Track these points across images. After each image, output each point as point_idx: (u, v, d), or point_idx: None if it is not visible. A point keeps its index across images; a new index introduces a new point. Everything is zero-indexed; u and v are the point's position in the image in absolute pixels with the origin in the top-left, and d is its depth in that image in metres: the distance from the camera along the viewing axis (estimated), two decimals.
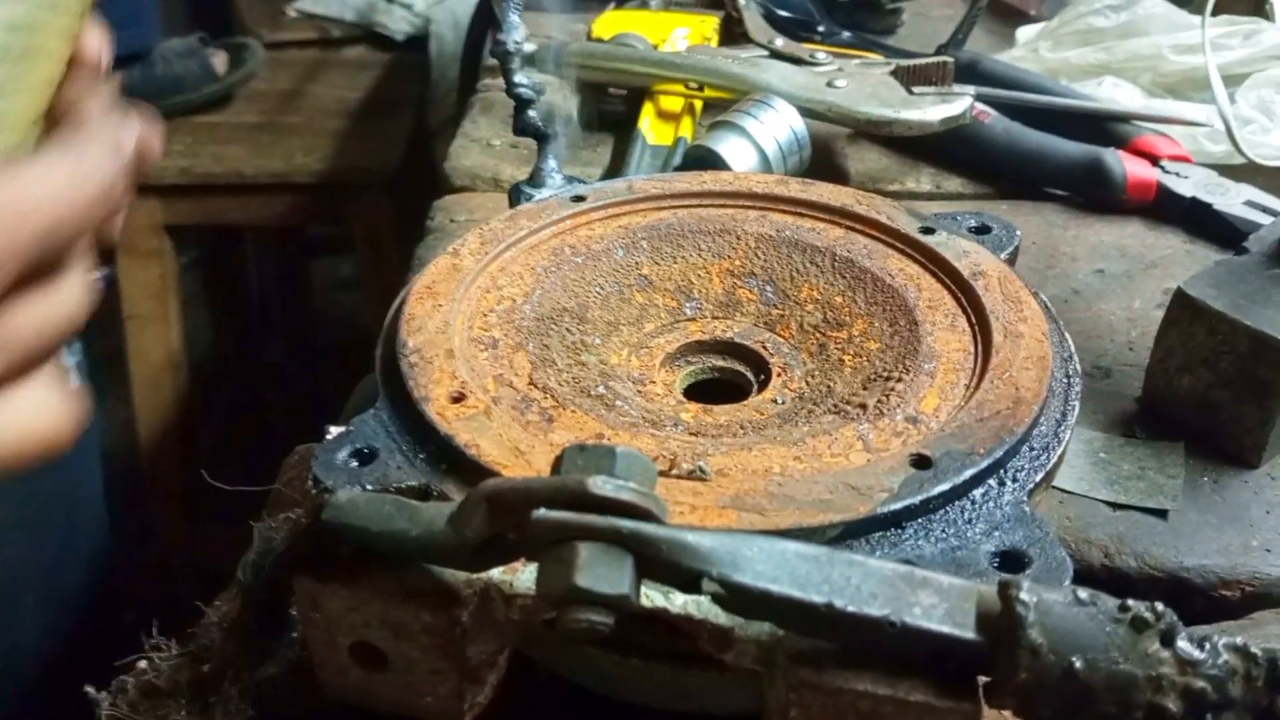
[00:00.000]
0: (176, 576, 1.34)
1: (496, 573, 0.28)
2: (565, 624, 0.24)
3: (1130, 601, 0.24)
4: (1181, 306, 0.44)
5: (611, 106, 0.71)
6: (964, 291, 0.38)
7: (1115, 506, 0.42)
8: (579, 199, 0.44)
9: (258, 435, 1.65)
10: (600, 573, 0.24)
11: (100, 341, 1.30)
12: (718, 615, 0.26)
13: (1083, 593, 0.25)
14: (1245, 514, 0.42)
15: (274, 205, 1.32)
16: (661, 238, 0.43)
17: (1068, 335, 0.37)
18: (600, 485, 0.24)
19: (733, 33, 0.78)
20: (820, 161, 0.65)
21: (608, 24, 0.78)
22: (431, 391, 0.33)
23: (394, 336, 0.36)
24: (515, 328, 0.38)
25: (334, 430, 0.32)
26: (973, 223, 0.43)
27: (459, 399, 0.33)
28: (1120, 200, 0.61)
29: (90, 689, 0.30)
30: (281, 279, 1.82)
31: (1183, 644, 0.24)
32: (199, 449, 1.41)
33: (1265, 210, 0.58)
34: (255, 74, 1.40)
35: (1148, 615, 0.24)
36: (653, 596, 0.26)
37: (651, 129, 0.67)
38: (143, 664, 0.31)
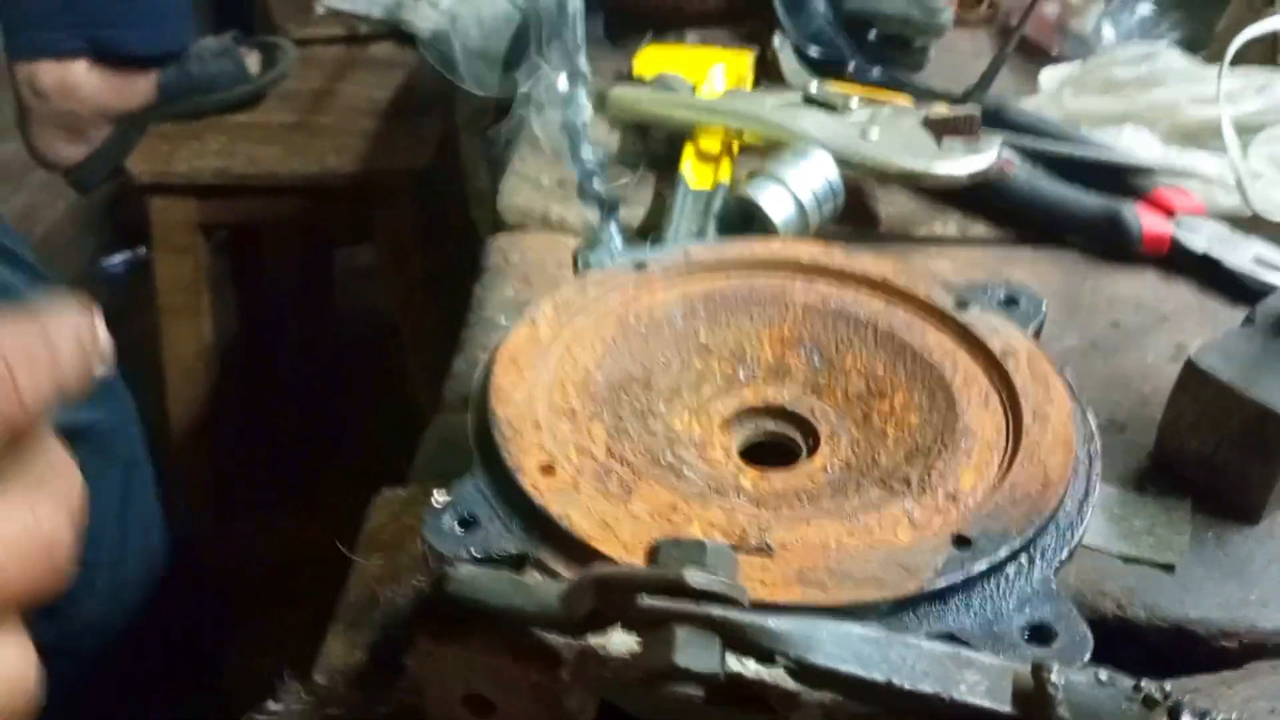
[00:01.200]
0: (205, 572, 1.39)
1: (591, 637, 0.32)
2: (664, 693, 0.28)
3: (1143, 682, 0.29)
4: (1192, 376, 0.48)
5: (653, 146, 0.74)
6: (996, 369, 0.42)
7: (1127, 560, 0.46)
8: (640, 266, 0.48)
9: (277, 425, 1.69)
10: (694, 652, 0.28)
11: (129, 336, 1.35)
12: (786, 681, 0.31)
13: (1103, 674, 0.29)
14: (1246, 568, 0.46)
15: (306, 206, 1.36)
16: (717, 305, 0.47)
17: (1089, 413, 0.41)
18: (695, 578, 0.28)
19: (768, 70, 0.82)
20: (852, 204, 0.69)
21: (648, 61, 0.82)
22: (523, 463, 0.37)
23: (484, 406, 0.40)
24: (590, 397, 0.42)
25: (439, 497, 0.37)
26: (1003, 294, 0.47)
27: (548, 470, 0.37)
28: (1136, 252, 0.65)
29: None
30: (302, 267, 1.85)
31: (1186, 718, 0.28)
32: (223, 442, 1.45)
33: (1273, 267, 0.62)
34: (287, 74, 1.43)
35: (1157, 695, 0.28)
36: (731, 662, 0.31)
37: (693, 172, 0.71)
38: (274, 706, 0.35)
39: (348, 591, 0.42)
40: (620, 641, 0.32)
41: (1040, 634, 0.32)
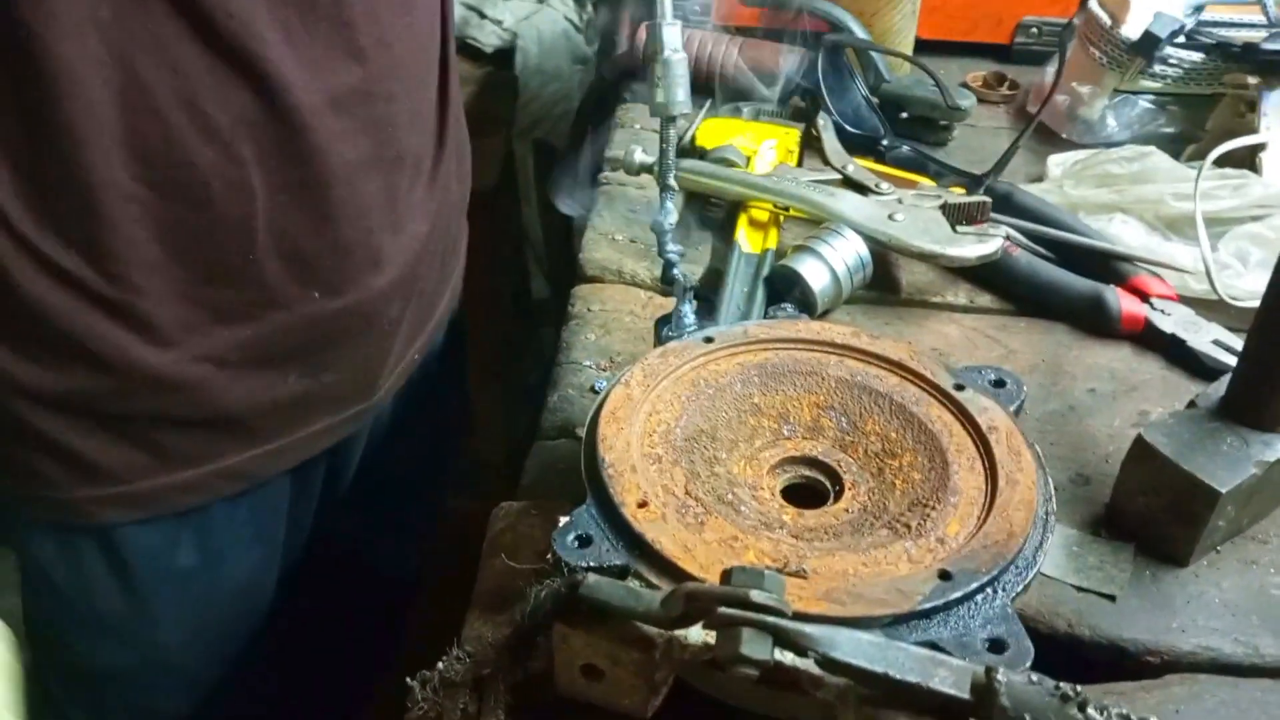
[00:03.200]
0: None
1: (678, 631, 0.45)
2: (728, 674, 0.41)
3: (1061, 684, 0.42)
4: (1140, 448, 0.60)
5: (713, 212, 0.87)
6: (982, 441, 0.55)
7: (1079, 589, 0.59)
8: (709, 340, 0.61)
9: None
10: (753, 646, 0.41)
11: None
12: (815, 669, 0.44)
13: (1034, 676, 0.42)
14: (1172, 602, 0.59)
15: None
16: (768, 374, 0.60)
17: (1050, 479, 0.54)
18: (757, 596, 0.41)
19: (813, 145, 0.94)
20: (879, 273, 0.81)
21: (709, 133, 0.94)
22: (624, 498, 0.51)
23: (593, 451, 0.53)
24: (671, 446, 0.55)
25: (563, 520, 0.50)
26: (993, 376, 0.60)
27: (643, 504, 0.50)
28: (1115, 329, 0.77)
29: (409, 679, 0.48)
30: None
31: (1090, 710, 0.41)
32: None
33: (1228, 349, 0.74)
34: None
35: (1070, 693, 0.41)
36: (778, 654, 0.44)
37: (746, 237, 0.84)
38: (440, 664, 0.48)
39: (481, 583, 0.56)
40: (697, 635, 0.46)
41: (996, 646, 0.45)
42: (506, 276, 1.89)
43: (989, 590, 0.48)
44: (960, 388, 0.58)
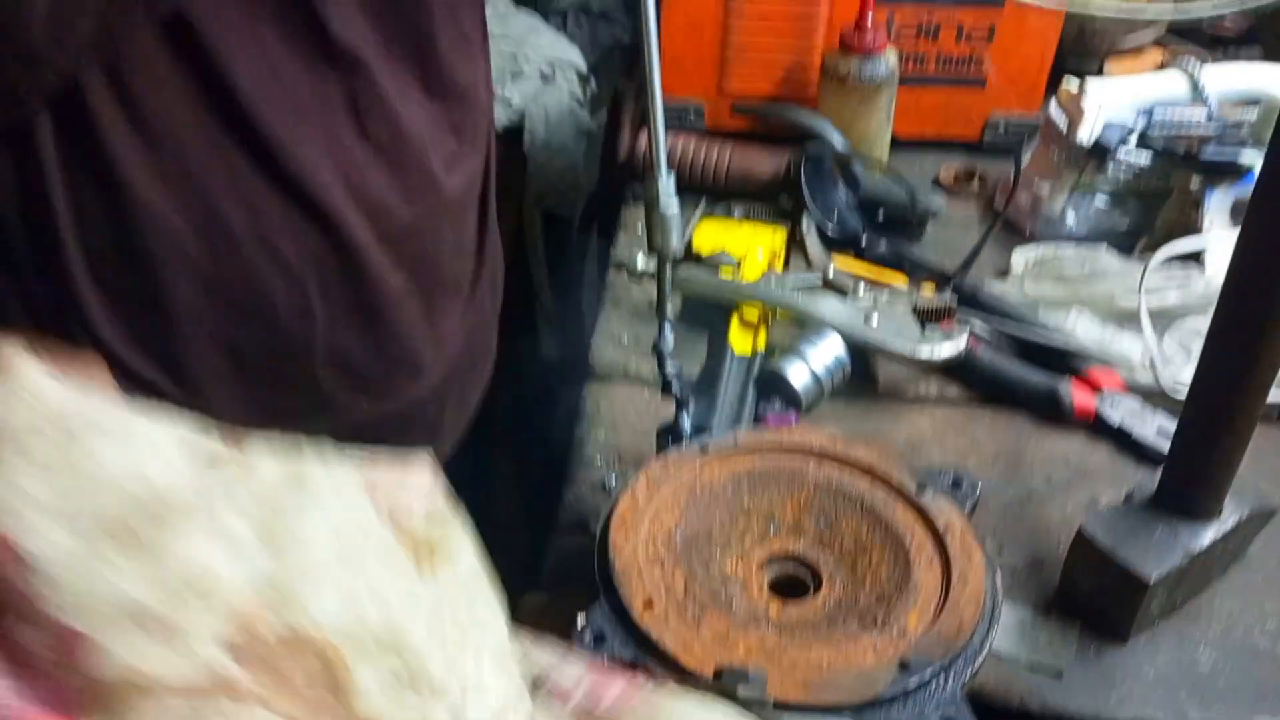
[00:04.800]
0: None
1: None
2: None
3: None
4: (1080, 539, 0.69)
5: (707, 313, 0.96)
6: (939, 541, 0.64)
7: (1030, 667, 0.67)
8: (704, 449, 0.70)
9: None
10: None
11: None
12: None
13: None
14: (1112, 675, 0.67)
15: None
16: (755, 479, 0.69)
17: (999, 575, 0.63)
18: (743, 691, 0.50)
19: (798, 244, 1.04)
20: (859, 369, 0.90)
21: (704, 235, 1.04)
22: (632, 600, 0.59)
23: (605, 556, 0.62)
24: (672, 550, 0.64)
25: (581, 619, 0.59)
26: (951, 479, 0.69)
27: (649, 605, 0.59)
28: (1069, 420, 0.86)
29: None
30: None
31: None
32: None
33: (1169, 439, 0.83)
34: None
35: None
36: None
37: (736, 338, 0.93)
38: None
39: None
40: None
41: None
42: (518, 337, 1.99)
43: (942, 678, 0.56)
44: (922, 490, 0.67)
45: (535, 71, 2.18)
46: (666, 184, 0.69)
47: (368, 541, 0.41)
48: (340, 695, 0.35)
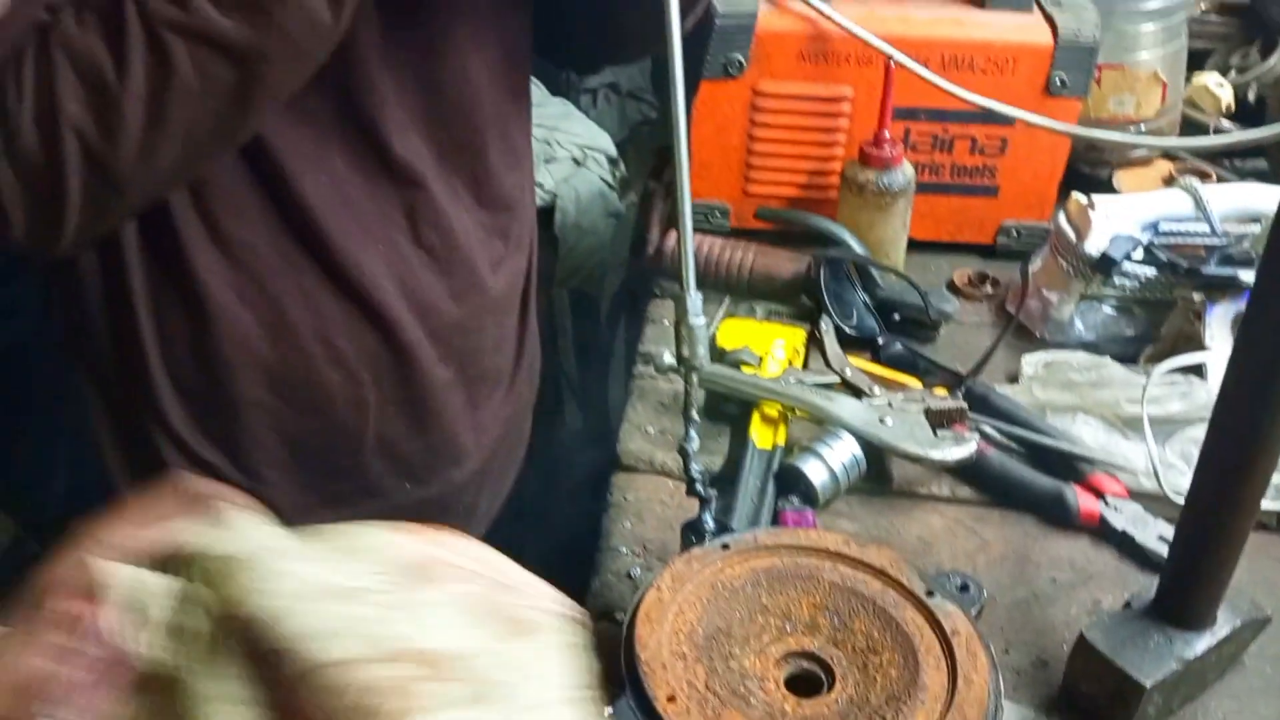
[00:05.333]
0: None
1: None
2: None
3: None
4: (1083, 643, 0.73)
5: (730, 408, 1.02)
6: (946, 643, 0.68)
7: None
8: (725, 546, 0.75)
9: None
10: None
11: None
12: None
13: None
14: None
15: None
16: (774, 578, 0.73)
17: (1001, 678, 0.66)
18: None
19: (817, 344, 1.09)
20: (874, 467, 0.95)
21: (728, 333, 1.10)
22: (657, 693, 0.64)
23: (631, 650, 0.66)
24: (694, 645, 0.68)
25: (608, 712, 0.63)
26: (959, 582, 0.73)
27: (671, 699, 0.63)
28: (1074, 524, 0.90)
29: None
30: None
31: None
32: None
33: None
34: None
35: None
36: None
37: (757, 433, 0.98)
38: None
39: None
40: None
41: None
42: (543, 406, 2.04)
43: None
44: (931, 594, 0.71)
45: (568, 156, 2.27)
46: (694, 301, 0.74)
47: None
48: None
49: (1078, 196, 1.11)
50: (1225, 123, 1.41)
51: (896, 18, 1.14)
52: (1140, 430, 0.96)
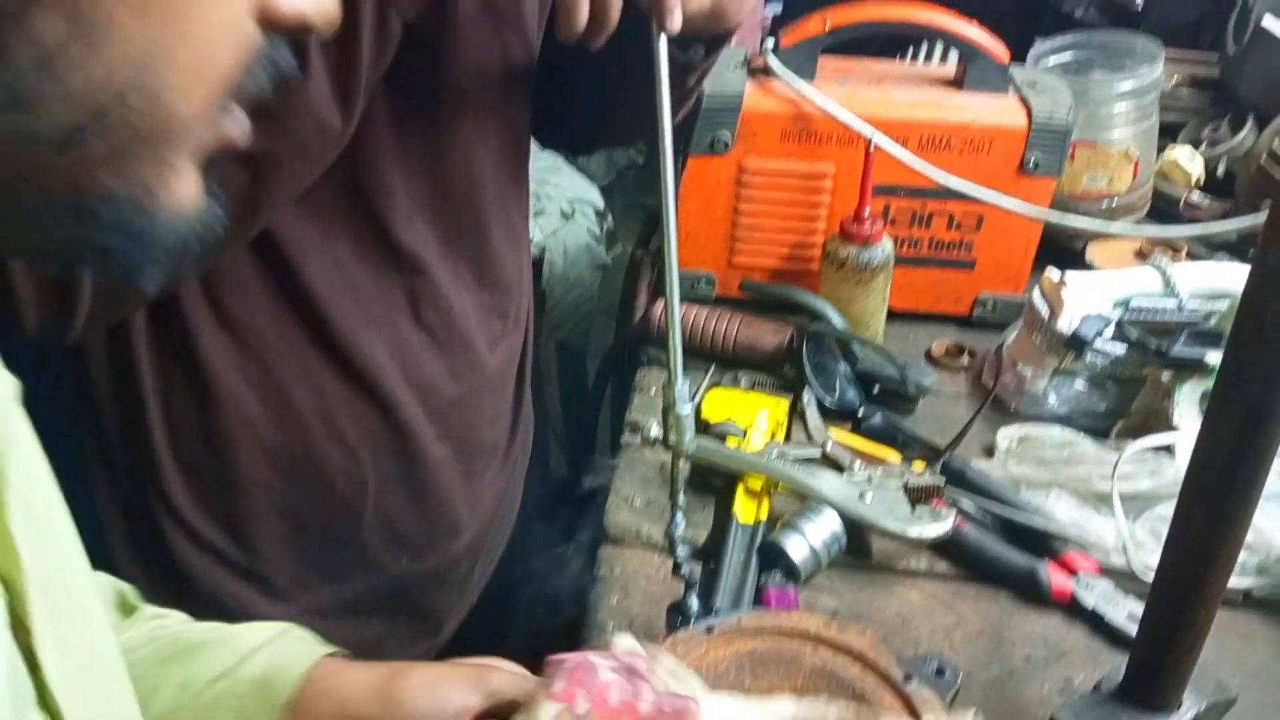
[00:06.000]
0: None
1: None
2: None
3: None
4: None
5: (714, 480, 1.04)
6: None
7: None
8: (710, 629, 0.77)
9: None
10: None
11: None
12: None
13: None
14: None
15: None
16: (757, 662, 0.76)
17: None
18: None
19: (800, 415, 1.12)
20: (854, 541, 0.97)
21: (713, 404, 1.12)
22: None
23: None
24: None
25: None
26: (935, 666, 0.75)
27: None
28: (1047, 600, 0.93)
29: None
30: None
31: None
32: None
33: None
34: None
35: None
36: None
37: (741, 506, 1.00)
38: None
39: None
40: None
41: None
42: (531, 462, 2.07)
43: None
44: (909, 678, 0.74)
45: (556, 210, 2.30)
46: (682, 389, 0.77)
47: None
48: None
49: (1050, 274, 1.15)
50: (1196, 195, 1.46)
51: (877, 99, 1.18)
52: (1111, 507, 1.00)
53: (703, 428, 1.09)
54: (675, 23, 0.66)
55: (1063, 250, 1.34)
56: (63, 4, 0.25)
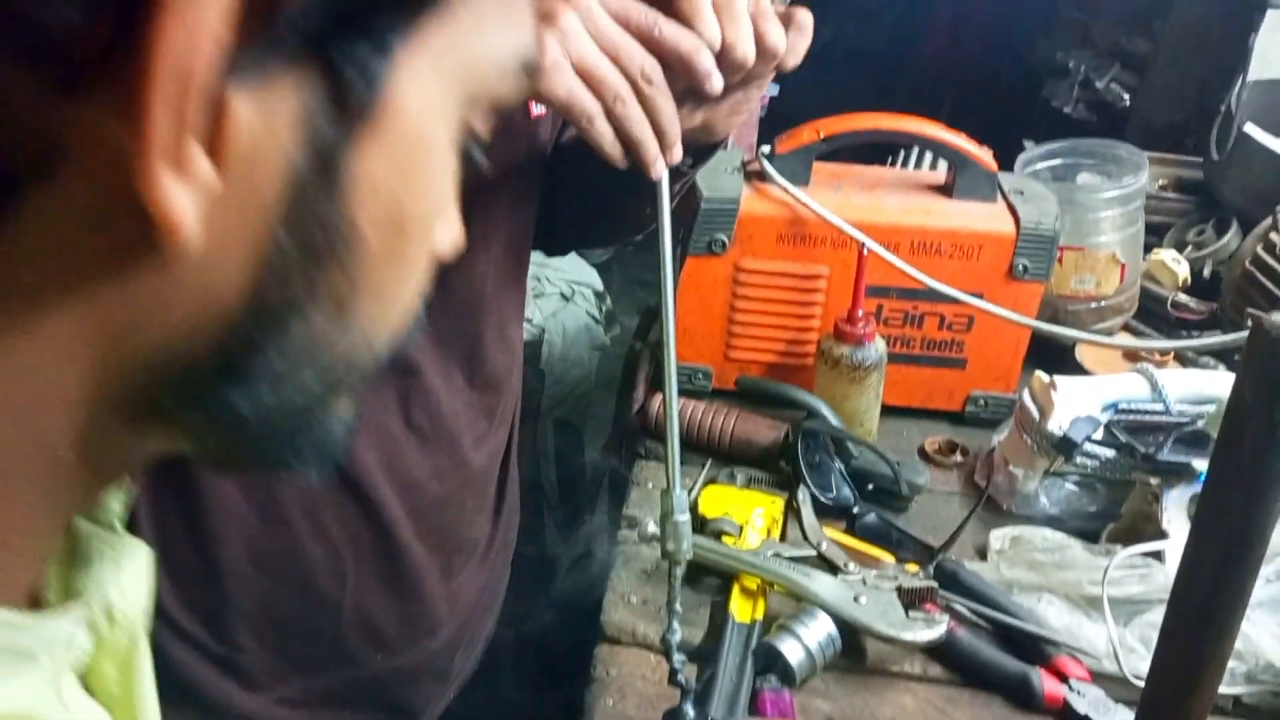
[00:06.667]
0: None
1: None
2: None
3: None
4: None
5: (710, 579, 1.05)
6: None
7: None
8: None
9: None
10: None
11: None
12: None
13: None
14: None
15: None
16: None
17: None
18: None
19: (795, 514, 1.14)
20: (849, 643, 0.98)
21: (710, 501, 1.14)
22: None
23: None
24: None
25: None
26: None
27: None
28: (1040, 707, 0.93)
29: None
30: None
31: None
32: None
33: None
34: None
35: None
36: None
37: (737, 605, 1.01)
38: None
39: None
40: None
41: None
42: (526, 537, 2.07)
43: None
44: None
45: (556, 292, 2.35)
46: (680, 497, 0.79)
47: None
48: None
49: (1040, 376, 1.18)
50: (1182, 296, 1.50)
51: (869, 205, 1.22)
52: (1103, 611, 1.01)
53: (699, 525, 1.10)
54: (676, 155, 0.69)
55: (1053, 349, 1.37)
56: (325, 304, 0.30)
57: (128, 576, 0.37)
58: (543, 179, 0.92)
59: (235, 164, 0.25)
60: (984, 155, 1.23)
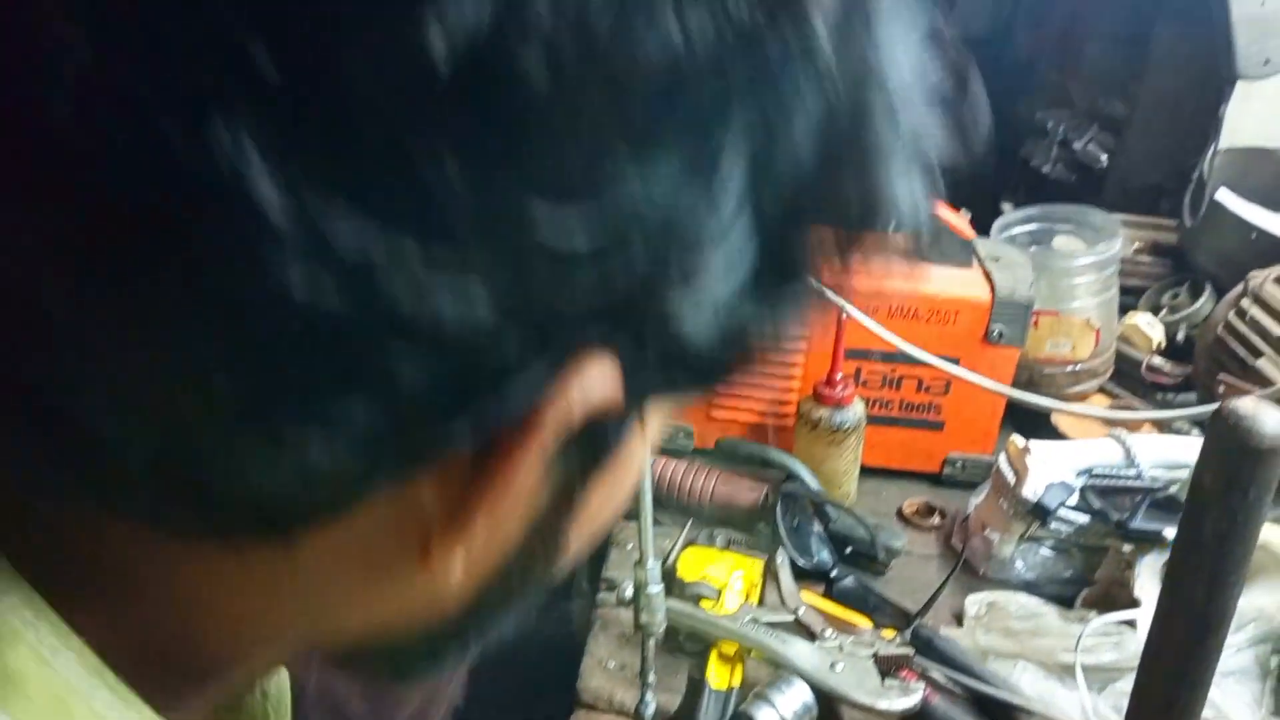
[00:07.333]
0: None
1: None
2: None
3: None
4: None
5: (688, 644, 1.06)
6: None
7: None
8: None
9: None
10: None
11: None
12: None
13: None
14: None
15: None
16: None
17: None
18: None
19: (773, 577, 1.14)
20: (824, 711, 0.99)
21: (688, 563, 1.15)
22: None
23: None
24: None
25: None
26: None
27: None
28: None
29: None
30: None
31: None
32: None
33: None
34: None
35: None
36: None
37: (715, 671, 1.02)
38: None
39: None
40: None
41: None
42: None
43: None
44: None
45: None
46: (654, 569, 0.80)
47: None
48: None
49: (1016, 441, 1.19)
50: (1157, 360, 1.52)
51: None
52: (1076, 679, 1.01)
53: (678, 589, 1.11)
54: None
55: (1030, 413, 1.39)
56: (526, 592, 0.34)
57: None
58: None
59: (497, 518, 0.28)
60: (960, 223, 1.26)
